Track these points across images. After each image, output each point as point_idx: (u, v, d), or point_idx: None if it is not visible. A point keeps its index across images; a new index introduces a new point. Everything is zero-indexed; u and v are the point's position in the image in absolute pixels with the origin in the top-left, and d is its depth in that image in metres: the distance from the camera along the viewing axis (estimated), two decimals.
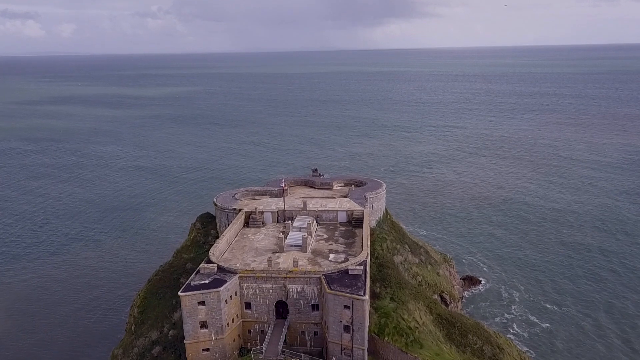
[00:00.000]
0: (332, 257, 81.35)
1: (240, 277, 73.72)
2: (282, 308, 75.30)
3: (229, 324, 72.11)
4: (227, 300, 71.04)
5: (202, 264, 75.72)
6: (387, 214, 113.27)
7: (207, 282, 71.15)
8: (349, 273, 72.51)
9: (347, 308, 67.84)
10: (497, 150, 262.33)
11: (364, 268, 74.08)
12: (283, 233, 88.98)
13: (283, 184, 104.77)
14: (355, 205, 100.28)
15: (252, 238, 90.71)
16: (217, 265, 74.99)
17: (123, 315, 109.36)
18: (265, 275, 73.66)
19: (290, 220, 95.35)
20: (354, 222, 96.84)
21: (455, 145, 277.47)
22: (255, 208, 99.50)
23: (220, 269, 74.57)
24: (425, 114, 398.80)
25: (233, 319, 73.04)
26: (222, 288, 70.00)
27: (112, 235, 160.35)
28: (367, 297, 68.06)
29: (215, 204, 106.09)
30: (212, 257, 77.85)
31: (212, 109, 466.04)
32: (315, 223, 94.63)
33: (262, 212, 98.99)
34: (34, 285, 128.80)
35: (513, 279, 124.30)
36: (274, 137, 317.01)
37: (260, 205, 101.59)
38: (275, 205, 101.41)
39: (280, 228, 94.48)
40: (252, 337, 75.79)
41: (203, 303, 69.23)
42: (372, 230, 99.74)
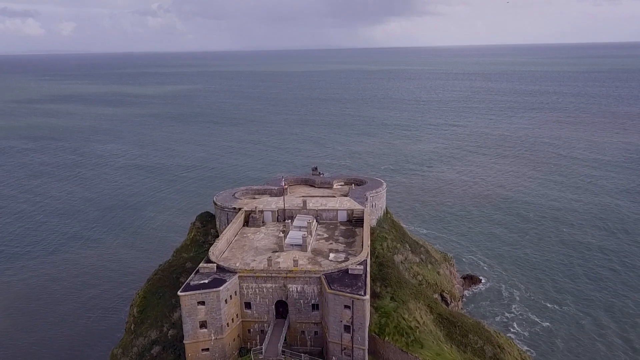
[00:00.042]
0: (332, 256, 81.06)
1: (240, 276, 73.44)
2: (282, 308, 75.03)
3: (229, 324, 71.86)
4: (226, 300, 70.77)
5: (201, 264, 75.42)
6: (387, 213, 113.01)
7: (206, 281, 70.87)
8: (349, 272, 72.22)
9: (347, 308, 67.57)
10: (497, 149, 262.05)
11: (365, 267, 73.80)
12: (283, 232, 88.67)
13: (283, 183, 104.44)
14: (356, 204, 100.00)
15: (251, 237, 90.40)
16: (216, 265, 74.70)
17: (122, 315, 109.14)
18: (265, 275, 73.37)
19: (290, 220, 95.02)
20: (354, 221, 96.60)
21: (455, 144, 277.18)
22: (255, 207, 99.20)
23: (220, 269, 74.29)
24: (425, 113, 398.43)
25: (233, 319, 72.79)
26: (221, 288, 69.73)
27: (111, 234, 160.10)
28: (367, 296, 67.82)
29: (215, 203, 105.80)
30: (211, 256, 77.55)
31: (211, 108, 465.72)
32: (316, 222, 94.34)
33: (262, 211, 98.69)
34: (33, 284, 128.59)
35: (513, 278, 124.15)
36: (274, 135, 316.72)
37: (260, 204, 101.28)
38: (275, 204, 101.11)
39: (280, 227, 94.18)
40: (252, 337, 75.54)
41: (203, 303, 68.98)
42: (372, 230, 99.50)
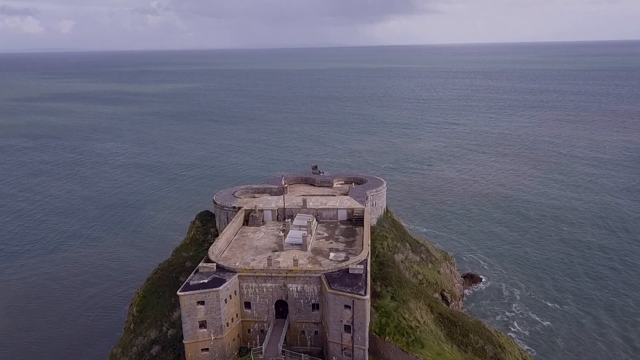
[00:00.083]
0: (332, 255, 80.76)
1: (240, 276, 73.13)
2: (282, 307, 74.75)
3: (229, 324, 71.58)
4: (226, 300, 70.47)
5: (201, 263, 75.08)
6: (387, 212, 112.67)
7: (206, 281, 70.54)
8: (350, 272, 71.92)
9: (347, 308, 67.28)
10: (497, 147, 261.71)
11: (365, 267, 73.50)
12: (283, 231, 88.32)
13: (283, 182, 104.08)
14: (356, 203, 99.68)
15: (251, 236, 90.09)
16: (216, 264, 74.39)
17: (122, 314, 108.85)
18: (265, 275, 73.06)
19: (290, 219, 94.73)
20: (355, 220, 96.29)
21: (456, 142, 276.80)
22: (255, 206, 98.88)
23: (220, 268, 73.98)
24: (425, 111, 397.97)
25: (232, 319, 72.51)
26: (221, 287, 69.43)
27: (111, 233, 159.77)
28: (368, 296, 67.52)
29: (215, 202, 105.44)
30: (211, 256, 77.24)
31: (211, 106, 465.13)
32: (316, 221, 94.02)
33: (261, 210, 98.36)
34: (33, 283, 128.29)
35: (514, 277, 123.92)
36: (274, 134, 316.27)
37: (260, 203, 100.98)
38: (275, 203, 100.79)
39: (280, 226, 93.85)
40: (251, 336, 75.28)
41: (202, 302, 68.69)
42: (372, 229, 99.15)
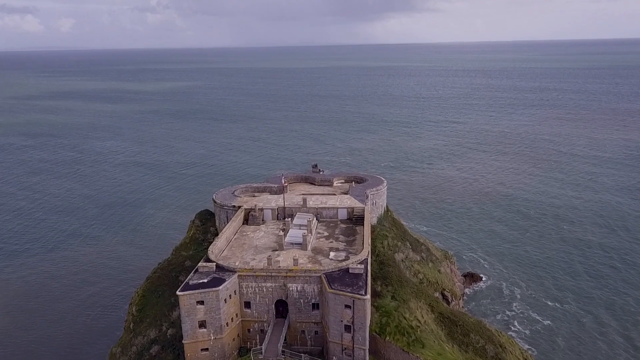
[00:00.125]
0: (332, 255, 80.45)
1: (240, 275, 72.82)
2: (282, 307, 74.45)
3: (228, 324, 71.31)
4: (226, 300, 70.17)
5: (200, 263, 74.76)
6: (388, 211, 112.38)
7: (205, 281, 70.24)
8: (350, 272, 71.61)
9: (348, 307, 66.99)
10: (497, 146, 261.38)
11: (365, 266, 73.21)
12: (283, 231, 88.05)
13: (283, 181, 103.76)
14: (356, 202, 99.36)
15: (251, 236, 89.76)
16: (216, 264, 74.10)
17: (122, 313, 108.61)
18: (265, 274, 72.75)
19: (290, 218, 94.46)
20: (355, 219, 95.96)
21: (456, 141, 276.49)
22: (255, 205, 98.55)
23: (219, 268, 73.67)
24: (425, 109, 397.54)
25: (232, 319, 72.23)
26: (221, 287, 69.13)
27: (110, 232, 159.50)
28: (368, 296, 67.23)
29: (215, 201, 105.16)
30: (210, 255, 76.93)
31: (211, 104, 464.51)
32: (316, 220, 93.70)
33: (261, 209, 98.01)
34: (32, 282, 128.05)
35: (514, 276, 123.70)
36: (274, 132, 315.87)
37: (260, 202, 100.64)
38: (275, 203, 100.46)
39: (280, 225, 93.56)
40: (251, 336, 74.99)
41: (202, 302, 68.39)
42: (372, 228, 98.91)
